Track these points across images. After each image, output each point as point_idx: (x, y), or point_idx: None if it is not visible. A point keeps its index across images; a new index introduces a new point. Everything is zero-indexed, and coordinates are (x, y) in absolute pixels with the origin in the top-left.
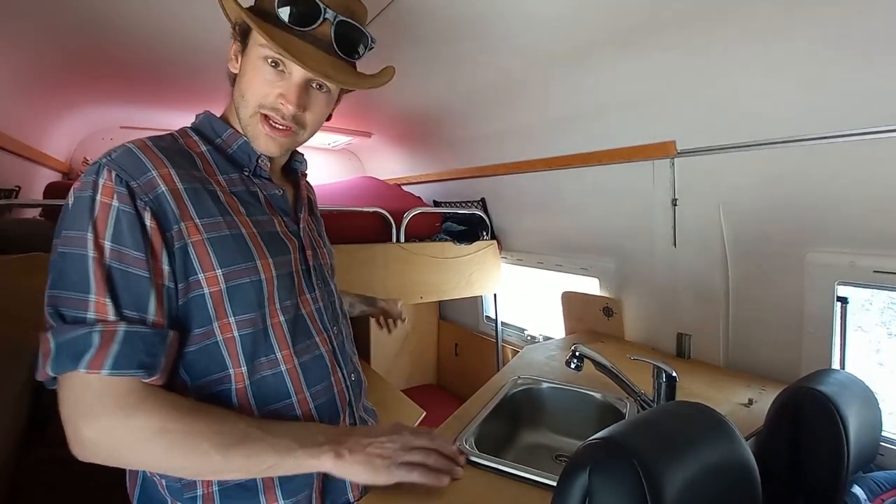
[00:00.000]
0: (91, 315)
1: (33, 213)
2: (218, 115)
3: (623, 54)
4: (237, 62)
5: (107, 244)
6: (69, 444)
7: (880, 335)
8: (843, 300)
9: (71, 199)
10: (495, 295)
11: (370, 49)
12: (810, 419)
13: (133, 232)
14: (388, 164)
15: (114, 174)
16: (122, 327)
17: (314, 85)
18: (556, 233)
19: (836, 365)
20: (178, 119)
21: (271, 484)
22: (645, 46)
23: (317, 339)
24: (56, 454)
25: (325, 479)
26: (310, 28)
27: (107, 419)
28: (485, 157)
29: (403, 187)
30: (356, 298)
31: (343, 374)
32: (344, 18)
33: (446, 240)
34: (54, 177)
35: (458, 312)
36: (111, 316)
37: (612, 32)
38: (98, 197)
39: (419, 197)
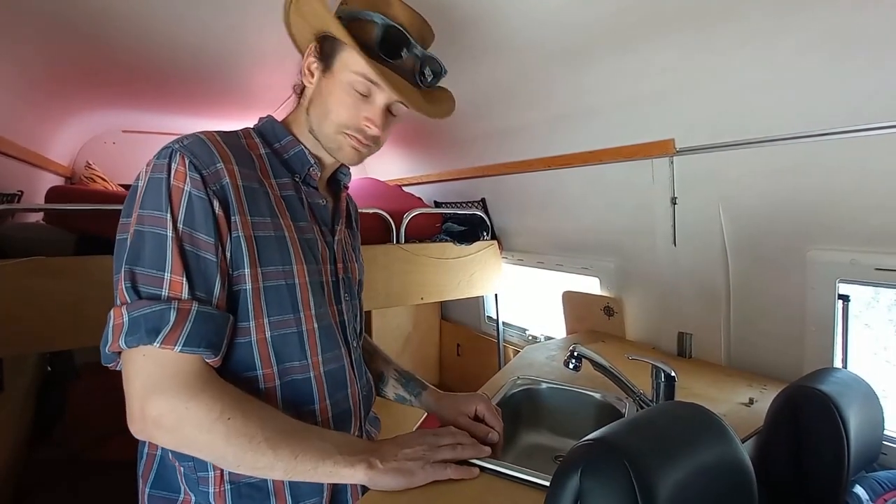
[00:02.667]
0: (166, 293)
1: (35, 218)
2: (279, 120)
3: (622, 52)
4: (312, 77)
5: (180, 227)
6: (129, 421)
7: (888, 333)
8: (845, 298)
9: (143, 181)
10: (496, 295)
11: (443, 76)
12: (810, 418)
13: (206, 217)
14: (389, 164)
15: (187, 160)
16: (195, 307)
17: (391, 110)
18: (556, 232)
19: (837, 363)
20: (181, 123)
21: (281, 487)
22: (644, 44)
23: (341, 350)
24: (60, 455)
25: (334, 489)
26: (398, 60)
27: (174, 398)
28: (485, 157)
29: (404, 188)
30: (397, 376)
31: (358, 387)
32: (429, 55)
33: (447, 240)
34: (57, 181)
35: (459, 313)
36: (185, 295)
37: (612, 30)
38: (171, 180)
39: (419, 197)
